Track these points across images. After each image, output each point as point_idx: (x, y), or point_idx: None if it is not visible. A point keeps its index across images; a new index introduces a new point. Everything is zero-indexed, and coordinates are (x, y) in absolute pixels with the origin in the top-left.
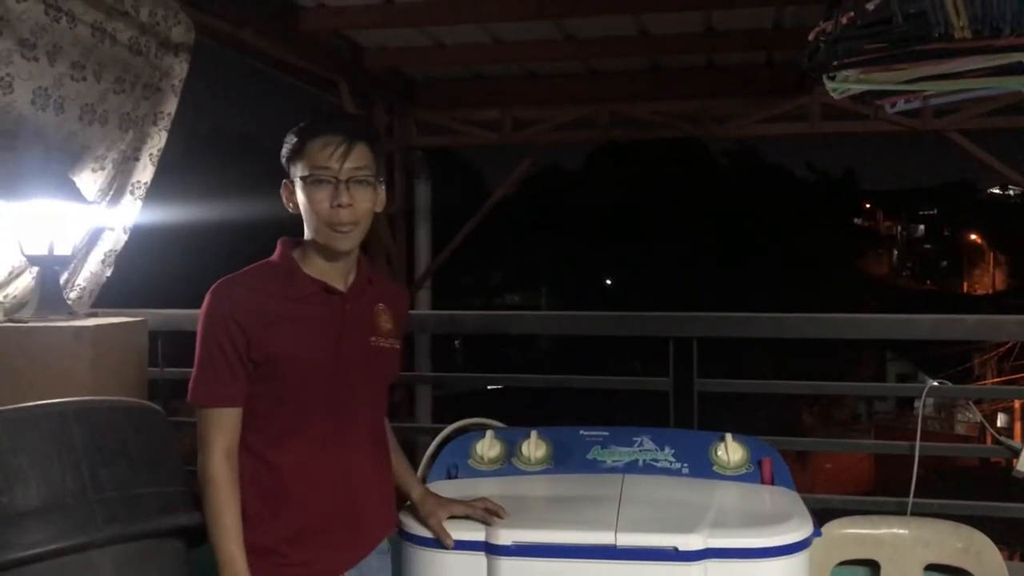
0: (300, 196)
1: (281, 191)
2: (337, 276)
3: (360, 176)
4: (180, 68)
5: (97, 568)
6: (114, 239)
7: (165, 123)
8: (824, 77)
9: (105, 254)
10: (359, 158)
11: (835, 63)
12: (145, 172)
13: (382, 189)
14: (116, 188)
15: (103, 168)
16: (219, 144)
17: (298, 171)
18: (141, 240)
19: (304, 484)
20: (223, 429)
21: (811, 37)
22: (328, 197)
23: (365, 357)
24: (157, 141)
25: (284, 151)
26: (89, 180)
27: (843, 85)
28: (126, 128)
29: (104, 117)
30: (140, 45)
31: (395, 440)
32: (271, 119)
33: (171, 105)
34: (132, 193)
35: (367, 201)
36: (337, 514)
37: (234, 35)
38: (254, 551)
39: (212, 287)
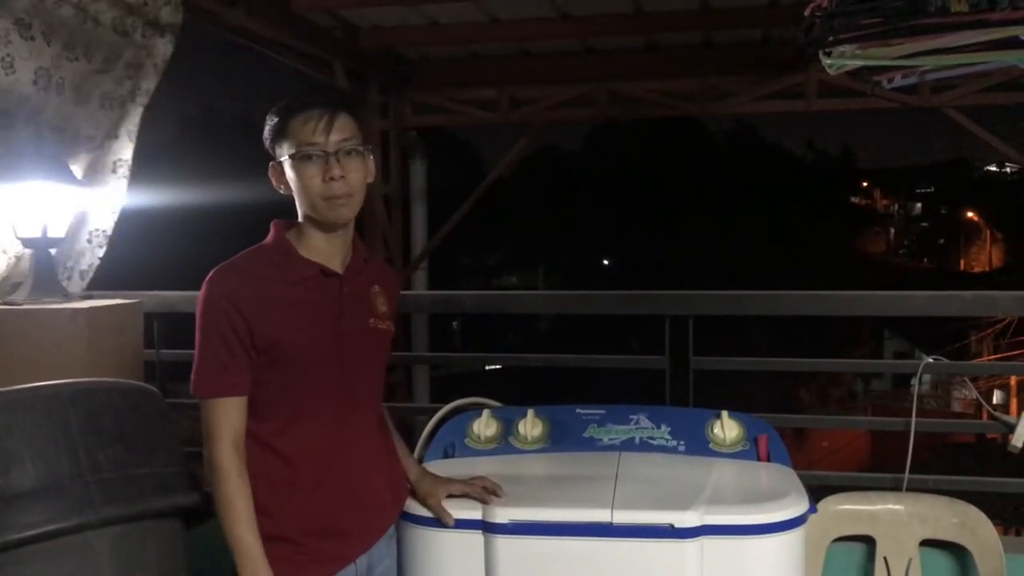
0: (290, 175)
1: (269, 174)
2: (334, 255)
3: (348, 146)
4: (165, 48)
5: (95, 549)
6: (103, 219)
7: (143, 99)
8: (820, 53)
9: (93, 234)
10: (344, 129)
11: (831, 38)
12: (125, 150)
13: (371, 159)
14: (100, 167)
15: (93, 149)
16: (213, 125)
17: (284, 150)
18: (135, 223)
19: (314, 471)
20: (229, 418)
21: (807, 12)
22: (319, 172)
23: (365, 339)
24: (134, 117)
25: (267, 133)
26: (84, 161)
27: (839, 61)
28: (108, 107)
29: (87, 97)
30: (126, 26)
31: (390, 420)
32: (266, 100)
33: (151, 82)
34: (115, 171)
35: (358, 171)
36: (348, 499)
37: (225, 15)
38: (267, 541)
39: (209, 275)
